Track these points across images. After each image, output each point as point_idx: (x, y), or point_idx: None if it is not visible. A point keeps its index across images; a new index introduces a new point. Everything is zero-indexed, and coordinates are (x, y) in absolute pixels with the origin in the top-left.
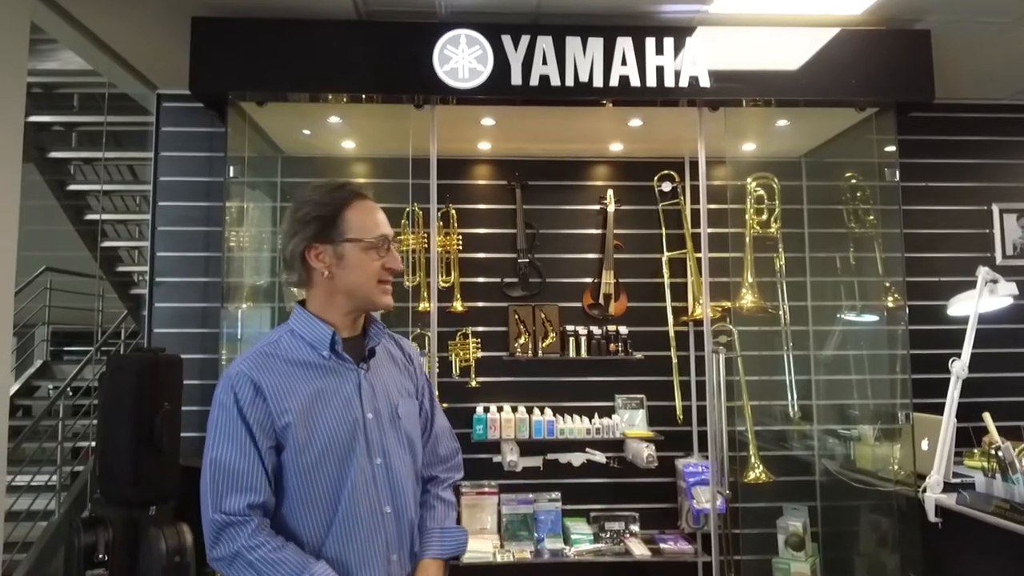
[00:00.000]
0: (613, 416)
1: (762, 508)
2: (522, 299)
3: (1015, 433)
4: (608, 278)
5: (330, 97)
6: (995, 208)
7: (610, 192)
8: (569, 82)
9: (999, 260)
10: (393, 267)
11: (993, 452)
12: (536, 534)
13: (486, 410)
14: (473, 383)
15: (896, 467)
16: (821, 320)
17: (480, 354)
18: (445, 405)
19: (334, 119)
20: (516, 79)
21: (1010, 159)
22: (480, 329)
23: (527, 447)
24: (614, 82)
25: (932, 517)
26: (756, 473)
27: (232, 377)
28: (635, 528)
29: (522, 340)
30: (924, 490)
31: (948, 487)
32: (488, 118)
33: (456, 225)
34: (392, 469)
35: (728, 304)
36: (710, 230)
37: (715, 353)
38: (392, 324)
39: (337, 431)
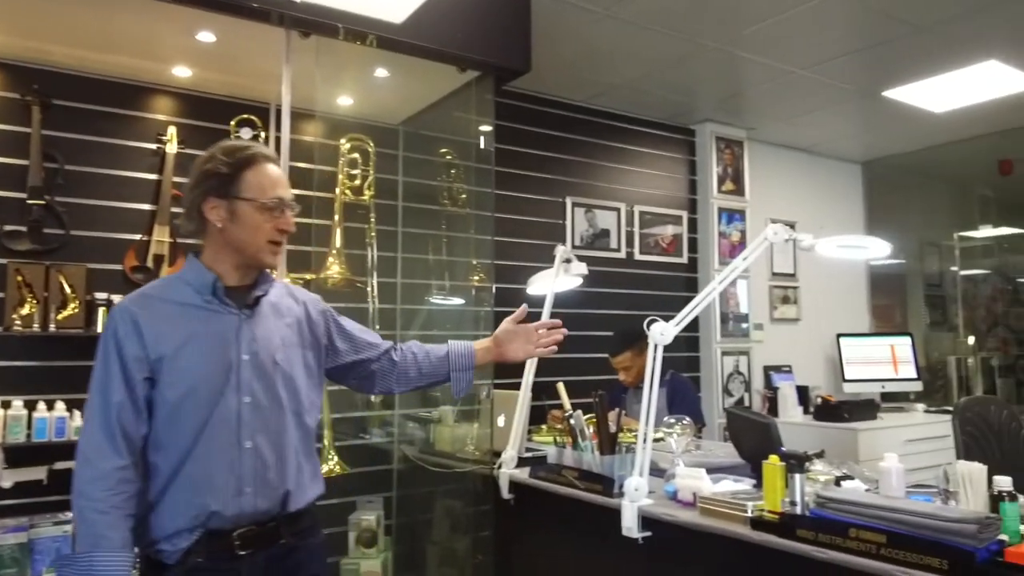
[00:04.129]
0: None
1: (335, 505)
2: (31, 255)
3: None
4: (162, 236)
5: None
6: (568, 201)
7: (172, 130)
8: None
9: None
10: (285, 228)
11: (565, 420)
12: (31, 569)
13: None
14: None
15: (473, 447)
16: (411, 299)
17: None
18: None
19: None
20: None
21: (581, 158)
22: None
23: (23, 454)
24: None
25: (505, 494)
26: (331, 465)
27: (115, 312)
28: None
29: (26, 310)
30: (499, 467)
31: (523, 462)
32: None
33: None
34: (260, 408)
35: (311, 276)
36: (295, 191)
37: None
38: None
39: (208, 368)
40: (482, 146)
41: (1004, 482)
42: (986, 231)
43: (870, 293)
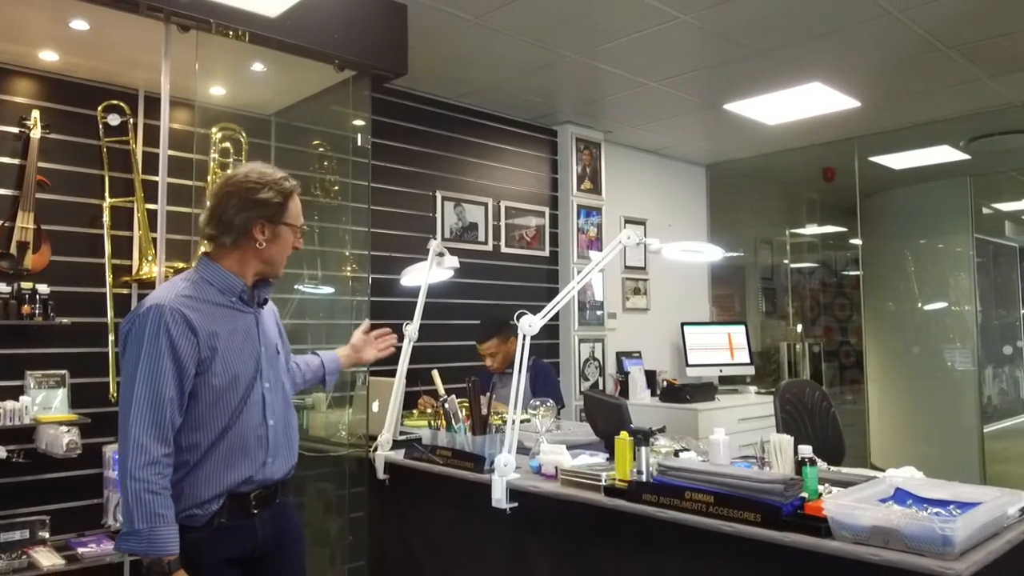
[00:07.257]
0: (21, 398)
1: None
2: None
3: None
4: (25, 222)
5: None
6: (438, 195)
7: (36, 114)
8: None
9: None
10: (298, 247)
11: (439, 404)
12: None
13: None
14: None
15: (347, 431)
16: (283, 288)
17: None
18: None
19: None
20: None
21: (451, 153)
22: None
23: None
24: None
25: (381, 475)
26: None
27: (163, 312)
28: (45, 535)
29: None
30: (375, 449)
31: (397, 444)
32: None
33: None
34: (275, 391)
35: (183, 265)
36: (169, 180)
37: None
38: None
39: (245, 359)
40: (359, 142)
41: (806, 450)
42: (812, 229)
43: (711, 285)
